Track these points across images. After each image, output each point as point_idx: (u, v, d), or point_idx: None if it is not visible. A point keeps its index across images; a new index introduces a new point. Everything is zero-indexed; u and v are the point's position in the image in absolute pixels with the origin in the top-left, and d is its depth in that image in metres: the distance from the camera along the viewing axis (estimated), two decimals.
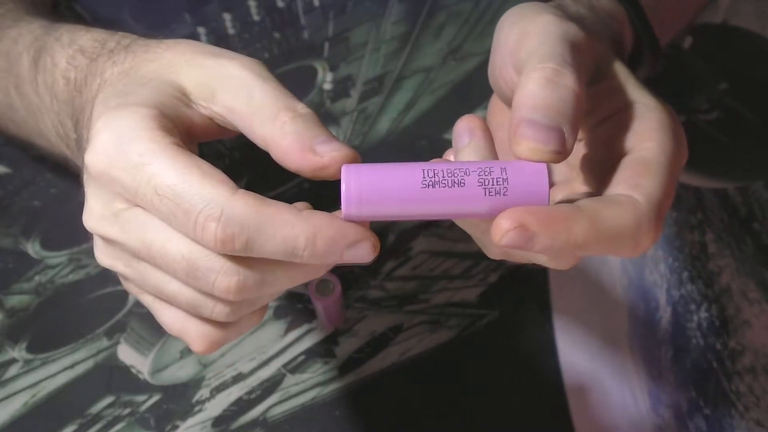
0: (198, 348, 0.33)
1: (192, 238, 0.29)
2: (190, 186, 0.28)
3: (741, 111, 0.63)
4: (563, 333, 0.55)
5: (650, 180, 0.31)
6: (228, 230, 0.28)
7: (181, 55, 0.33)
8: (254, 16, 0.63)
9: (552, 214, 0.29)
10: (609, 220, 0.30)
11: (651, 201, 0.31)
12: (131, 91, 0.31)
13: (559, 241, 0.29)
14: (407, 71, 0.62)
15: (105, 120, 0.30)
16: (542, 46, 0.33)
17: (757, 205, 0.59)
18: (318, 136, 0.31)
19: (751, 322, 0.56)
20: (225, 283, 0.29)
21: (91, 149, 0.30)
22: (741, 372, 0.54)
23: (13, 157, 0.58)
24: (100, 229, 0.31)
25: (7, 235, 0.56)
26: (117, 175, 0.29)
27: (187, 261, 0.30)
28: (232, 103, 0.32)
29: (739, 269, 0.57)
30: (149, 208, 0.30)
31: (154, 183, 0.29)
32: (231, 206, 0.28)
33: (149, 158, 0.29)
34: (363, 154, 0.61)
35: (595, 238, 0.29)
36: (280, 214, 0.29)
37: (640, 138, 0.33)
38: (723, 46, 0.65)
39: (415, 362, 0.54)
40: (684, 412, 0.54)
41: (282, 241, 0.28)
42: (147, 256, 0.31)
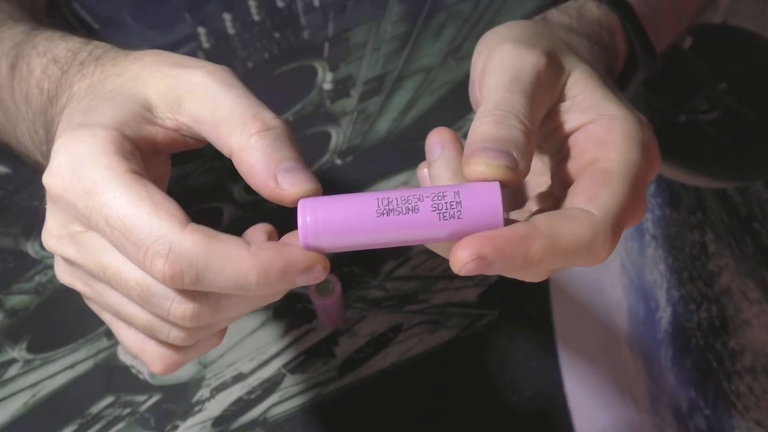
0: (156, 369, 0.33)
1: (142, 269, 0.29)
2: (140, 219, 0.28)
3: (741, 111, 0.63)
4: (563, 333, 0.55)
5: (608, 191, 0.31)
6: (176, 267, 0.28)
7: (147, 67, 0.32)
8: (254, 16, 0.63)
9: (508, 238, 0.29)
10: (565, 236, 0.30)
11: (608, 213, 0.30)
12: (95, 108, 0.31)
13: (516, 263, 0.29)
14: (407, 71, 0.62)
15: (63, 141, 0.30)
16: (494, 90, 0.33)
17: (757, 205, 0.59)
18: (284, 160, 0.30)
19: (751, 322, 0.56)
20: (180, 311, 0.29)
21: (48, 170, 0.29)
22: (741, 372, 0.55)
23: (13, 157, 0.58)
24: (58, 248, 0.31)
25: (7, 235, 0.56)
26: (71, 199, 0.29)
27: (142, 287, 0.29)
28: (198, 113, 0.31)
29: (739, 269, 0.57)
30: (102, 235, 0.29)
31: (105, 213, 0.28)
32: (179, 242, 0.28)
33: (102, 186, 0.28)
34: (363, 154, 0.61)
35: (552, 255, 0.30)
36: (228, 251, 0.28)
37: (604, 149, 0.32)
38: (723, 46, 0.65)
39: (415, 362, 0.54)
40: (684, 412, 0.54)
41: (232, 276, 0.28)
42: (103, 279, 0.30)
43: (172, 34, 0.62)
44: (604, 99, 0.34)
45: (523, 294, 0.55)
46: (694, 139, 0.61)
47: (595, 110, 0.34)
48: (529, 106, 0.32)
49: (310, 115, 0.61)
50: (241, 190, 0.57)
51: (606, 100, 0.34)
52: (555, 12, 0.41)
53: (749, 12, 0.66)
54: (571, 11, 0.42)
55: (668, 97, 0.62)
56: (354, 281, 0.56)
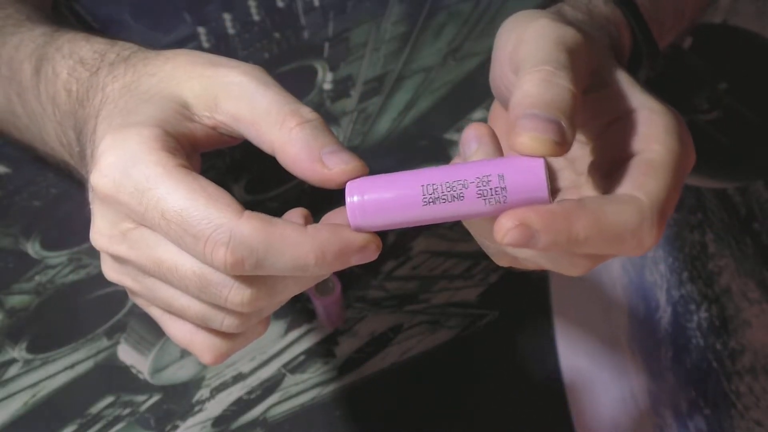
0: (207, 359, 0.33)
1: (202, 261, 0.29)
2: (197, 211, 0.29)
3: (741, 111, 0.63)
4: (563, 333, 0.55)
5: (655, 180, 0.31)
6: (237, 254, 0.28)
7: (181, 67, 0.33)
8: (254, 16, 0.63)
9: (553, 210, 0.29)
10: (611, 216, 0.30)
11: (654, 200, 0.31)
12: (133, 109, 0.32)
13: (561, 237, 0.29)
14: (407, 71, 0.62)
15: (109, 142, 0.30)
16: (538, 50, 0.33)
17: (757, 205, 0.59)
18: (326, 145, 0.31)
19: (751, 322, 0.56)
20: (238, 297, 0.30)
21: (97, 171, 0.30)
22: (741, 372, 0.55)
23: (13, 157, 0.58)
24: (109, 247, 0.32)
25: (7, 235, 0.56)
26: (124, 198, 0.30)
27: (199, 277, 0.30)
28: (236, 111, 0.32)
29: (739, 269, 0.57)
30: (157, 230, 0.30)
31: (161, 208, 0.29)
32: (239, 230, 0.28)
33: (155, 182, 0.29)
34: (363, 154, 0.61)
35: (597, 234, 0.29)
36: (287, 235, 0.29)
37: (647, 141, 0.33)
38: (723, 46, 0.65)
39: (415, 362, 0.54)
40: (684, 411, 0.54)
41: (291, 260, 0.29)
42: (157, 273, 0.31)
43: (172, 34, 0.62)
44: (642, 92, 0.35)
45: (523, 294, 0.55)
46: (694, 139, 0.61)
47: (635, 102, 0.34)
48: (574, 69, 0.32)
49: None
50: (241, 190, 0.57)
51: (644, 94, 0.35)
52: (567, 7, 0.41)
53: (749, 12, 0.66)
54: (581, 6, 0.42)
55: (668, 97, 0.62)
56: (354, 281, 0.56)
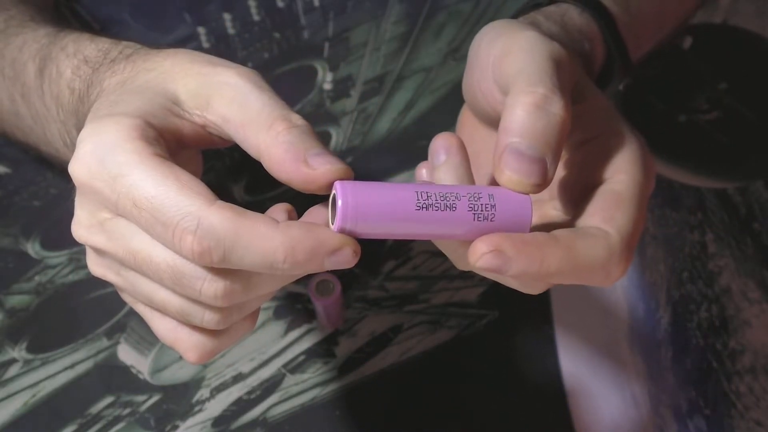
0: (191, 358, 0.33)
1: (173, 250, 0.29)
2: (167, 198, 0.28)
3: (741, 111, 0.63)
4: (563, 333, 0.55)
5: (622, 213, 0.32)
6: (204, 243, 0.28)
7: (179, 65, 0.33)
8: (254, 16, 0.63)
9: (528, 240, 0.30)
10: (582, 251, 0.31)
11: (622, 234, 0.32)
12: (121, 100, 0.31)
13: (533, 267, 0.30)
14: (407, 71, 0.62)
15: (89, 130, 0.30)
16: (530, 65, 0.32)
17: (757, 205, 0.59)
18: (312, 147, 0.30)
19: (751, 322, 0.56)
20: (212, 290, 0.29)
21: (74, 159, 0.30)
22: (741, 372, 0.54)
23: (13, 157, 0.58)
24: (88, 238, 0.31)
25: (7, 235, 0.56)
26: (98, 186, 0.29)
27: (172, 269, 0.29)
28: (227, 112, 0.31)
29: (739, 269, 0.57)
30: (131, 219, 0.29)
31: (132, 195, 0.28)
32: (207, 219, 0.28)
33: (128, 169, 0.28)
34: (363, 154, 0.61)
35: (568, 267, 0.30)
36: (257, 227, 0.28)
37: (614, 169, 0.33)
38: (723, 46, 0.65)
39: (415, 362, 0.54)
40: (684, 412, 0.54)
41: (260, 255, 0.28)
42: (134, 265, 0.30)
43: (172, 34, 0.62)
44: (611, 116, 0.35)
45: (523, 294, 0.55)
46: (694, 139, 0.61)
47: (604, 125, 0.34)
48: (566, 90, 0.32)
49: (310, 115, 0.61)
50: (241, 190, 0.57)
51: (613, 117, 0.35)
52: (541, 18, 0.41)
53: (749, 12, 0.66)
54: (556, 17, 0.41)
55: (668, 97, 0.62)
56: (354, 281, 0.56)
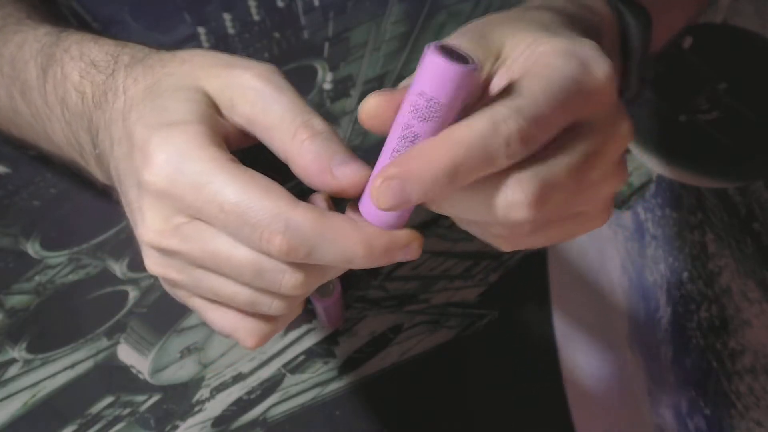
0: (251, 343, 0.35)
1: (257, 249, 0.31)
2: (254, 202, 0.30)
3: (741, 111, 0.63)
4: (563, 333, 0.55)
5: (520, 89, 0.30)
6: (292, 242, 0.30)
7: (198, 68, 0.34)
8: (254, 16, 0.63)
9: (408, 154, 0.29)
10: (460, 130, 0.29)
11: (514, 109, 0.29)
12: (165, 107, 0.32)
13: (427, 175, 0.29)
14: (407, 71, 0.62)
15: (157, 140, 0.31)
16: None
17: (757, 205, 0.59)
18: (335, 155, 0.32)
19: (751, 322, 0.56)
20: (292, 281, 0.32)
21: (149, 169, 0.31)
22: (741, 372, 0.55)
23: (13, 157, 0.58)
24: (160, 242, 0.32)
25: (7, 234, 0.56)
26: (179, 193, 0.31)
27: (254, 265, 0.31)
28: (251, 115, 0.32)
29: (739, 269, 0.57)
30: (213, 222, 0.31)
31: (219, 201, 0.30)
32: (294, 220, 0.30)
33: (211, 177, 0.30)
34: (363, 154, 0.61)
35: (456, 155, 0.28)
36: (339, 226, 0.31)
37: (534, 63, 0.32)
38: (723, 46, 0.65)
39: (415, 362, 0.54)
40: (684, 411, 0.54)
41: (341, 251, 0.31)
42: (210, 264, 0.32)
43: (172, 34, 0.62)
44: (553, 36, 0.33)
45: (523, 294, 0.55)
46: (694, 139, 0.62)
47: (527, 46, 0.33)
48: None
49: None
50: None
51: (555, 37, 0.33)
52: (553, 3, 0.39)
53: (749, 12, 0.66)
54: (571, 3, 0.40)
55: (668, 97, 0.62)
56: (354, 281, 0.56)
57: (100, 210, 0.56)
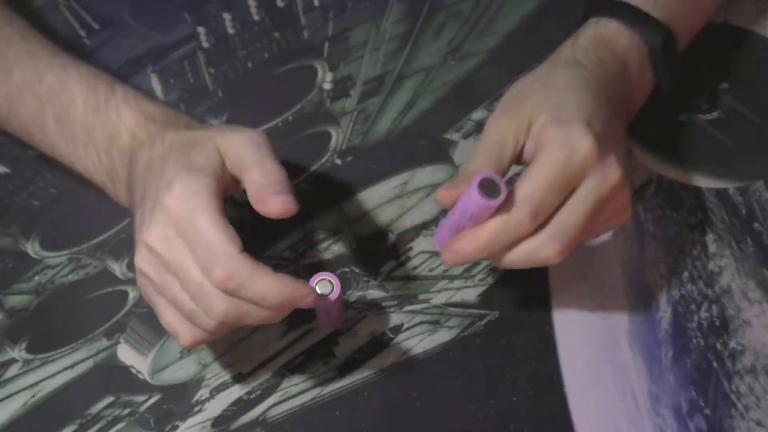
0: (185, 343, 0.46)
1: (204, 273, 0.42)
2: (220, 242, 0.42)
3: (741, 111, 0.63)
4: (563, 333, 0.55)
5: (527, 184, 0.44)
6: (228, 274, 0.42)
7: (219, 132, 0.46)
8: (254, 16, 0.63)
9: (460, 237, 0.46)
10: (491, 222, 0.45)
11: (523, 198, 0.44)
12: (193, 156, 0.45)
13: (470, 251, 0.46)
14: (407, 71, 0.62)
15: (180, 177, 0.43)
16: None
17: (757, 205, 0.59)
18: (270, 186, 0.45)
19: (752, 322, 0.56)
20: (219, 306, 0.43)
21: (168, 194, 0.43)
22: (741, 372, 0.54)
23: (13, 157, 0.58)
24: (154, 241, 0.43)
25: (7, 235, 0.56)
26: (179, 215, 0.43)
27: (200, 284, 0.43)
28: (234, 161, 0.45)
29: (739, 269, 0.57)
30: (188, 243, 0.43)
31: (199, 230, 0.42)
32: (234, 259, 0.42)
33: (201, 213, 0.43)
34: (363, 154, 0.61)
35: (487, 238, 0.45)
36: (263, 273, 0.42)
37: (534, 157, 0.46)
38: (723, 46, 0.65)
39: (415, 362, 0.54)
40: (684, 412, 0.54)
41: (260, 290, 0.42)
42: (174, 271, 0.43)
43: (172, 34, 0.62)
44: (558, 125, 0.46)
45: (523, 294, 0.55)
46: (694, 139, 0.61)
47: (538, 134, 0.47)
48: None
49: (310, 115, 0.61)
50: None
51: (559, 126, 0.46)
52: (580, 54, 0.51)
53: (749, 12, 0.66)
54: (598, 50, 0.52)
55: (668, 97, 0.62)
56: (354, 281, 0.56)
57: (99, 210, 0.56)
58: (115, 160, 0.50)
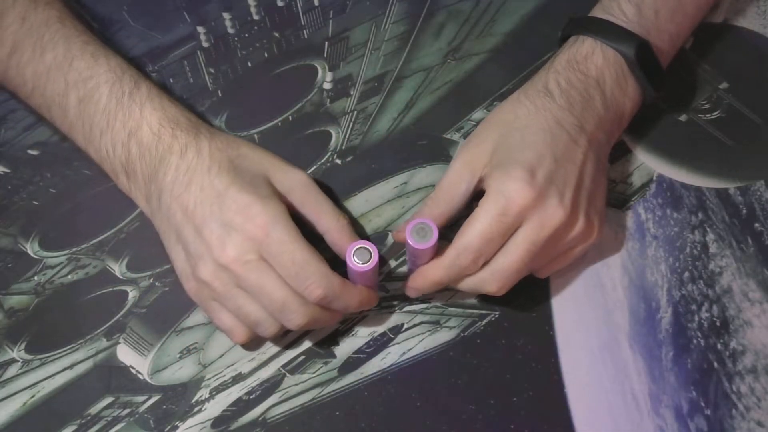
0: (239, 341, 0.51)
1: (299, 292, 0.47)
2: (313, 263, 0.47)
3: (741, 111, 0.63)
4: (563, 333, 0.55)
5: (465, 231, 0.50)
6: (325, 292, 0.47)
7: (266, 161, 0.51)
8: (254, 16, 0.63)
9: (415, 275, 0.52)
10: (440, 262, 0.50)
11: (458, 246, 0.49)
12: (256, 185, 0.49)
13: (425, 286, 0.52)
14: (407, 71, 0.62)
15: (260, 206, 0.48)
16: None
17: (758, 205, 0.59)
18: (355, 239, 0.52)
19: (753, 322, 0.56)
20: (297, 319, 0.48)
21: (252, 222, 0.47)
22: (742, 372, 0.54)
23: (13, 157, 0.58)
24: (230, 264, 0.47)
25: (7, 235, 0.56)
26: (268, 243, 0.47)
27: (284, 302, 0.47)
28: (303, 201, 0.51)
29: (740, 269, 0.57)
30: (278, 267, 0.47)
31: (292, 256, 0.47)
32: (329, 279, 0.48)
33: (291, 241, 0.47)
34: (362, 154, 0.61)
35: (439, 275, 0.51)
36: (350, 287, 0.49)
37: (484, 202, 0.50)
38: (723, 46, 0.65)
39: (415, 362, 0.54)
40: (685, 412, 0.53)
41: (346, 301, 0.49)
42: (252, 290, 0.48)
43: (171, 34, 0.62)
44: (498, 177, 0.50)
45: (523, 294, 0.55)
46: (694, 139, 0.61)
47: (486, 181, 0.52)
48: None
49: (310, 115, 0.61)
50: None
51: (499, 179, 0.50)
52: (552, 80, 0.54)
53: (749, 12, 0.66)
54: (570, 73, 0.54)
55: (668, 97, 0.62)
56: None
57: (99, 210, 0.56)
58: (133, 154, 0.51)
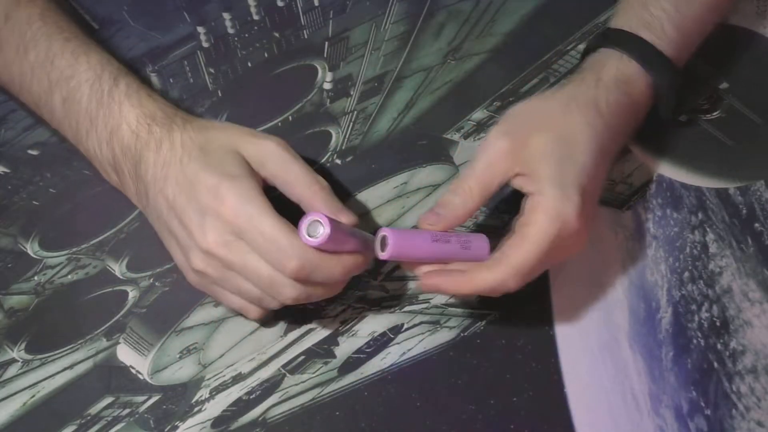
0: (254, 317, 0.51)
1: (276, 267, 0.46)
2: (285, 238, 0.45)
3: (741, 111, 0.63)
4: (563, 333, 0.55)
5: (518, 251, 0.48)
6: (300, 264, 0.46)
7: (236, 136, 0.49)
8: (254, 16, 0.63)
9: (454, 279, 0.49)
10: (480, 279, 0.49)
11: (512, 266, 0.48)
12: (224, 163, 0.48)
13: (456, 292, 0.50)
14: (407, 71, 0.62)
15: (227, 185, 0.46)
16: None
17: (758, 205, 0.59)
18: (336, 204, 0.49)
19: (752, 322, 0.56)
20: (289, 293, 0.47)
21: (221, 203, 0.46)
22: (742, 372, 0.54)
23: (13, 157, 0.58)
24: (213, 249, 0.47)
25: (6, 235, 0.56)
26: (238, 222, 0.46)
27: (271, 278, 0.46)
28: (277, 172, 0.49)
29: (740, 269, 0.57)
30: (252, 244, 0.46)
31: (261, 231, 0.46)
32: (304, 250, 0.46)
33: (262, 216, 0.46)
34: (363, 154, 0.61)
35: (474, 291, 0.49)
36: (328, 258, 0.47)
37: (531, 218, 0.48)
38: (723, 46, 0.65)
39: (415, 362, 0.54)
40: (685, 412, 0.53)
41: (328, 273, 0.47)
42: (240, 270, 0.47)
43: (171, 34, 0.62)
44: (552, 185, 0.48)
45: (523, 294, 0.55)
46: (694, 139, 0.61)
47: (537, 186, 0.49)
48: None
49: (310, 115, 0.61)
50: None
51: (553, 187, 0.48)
52: (602, 98, 0.52)
53: (749, 12, 0.66)
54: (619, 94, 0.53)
55: None
56: (354, 281, 0.55)
57: (99, 210, 0.56)
58: (117, 153, 0.51)
